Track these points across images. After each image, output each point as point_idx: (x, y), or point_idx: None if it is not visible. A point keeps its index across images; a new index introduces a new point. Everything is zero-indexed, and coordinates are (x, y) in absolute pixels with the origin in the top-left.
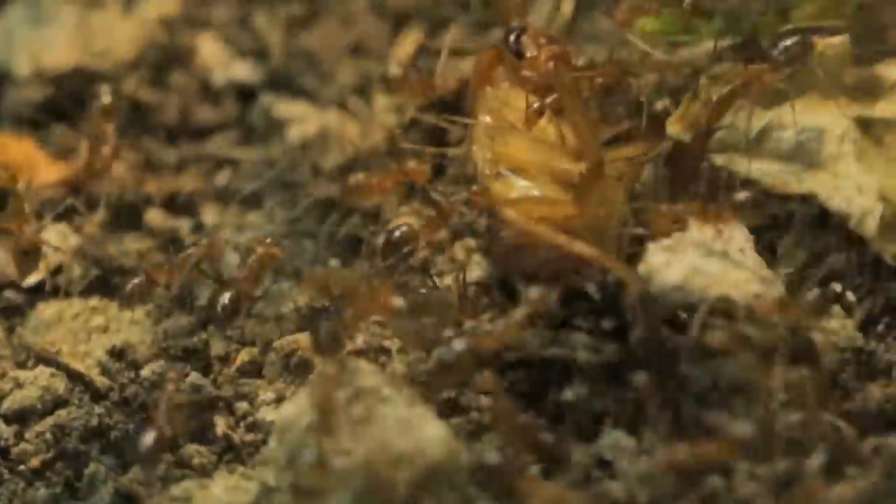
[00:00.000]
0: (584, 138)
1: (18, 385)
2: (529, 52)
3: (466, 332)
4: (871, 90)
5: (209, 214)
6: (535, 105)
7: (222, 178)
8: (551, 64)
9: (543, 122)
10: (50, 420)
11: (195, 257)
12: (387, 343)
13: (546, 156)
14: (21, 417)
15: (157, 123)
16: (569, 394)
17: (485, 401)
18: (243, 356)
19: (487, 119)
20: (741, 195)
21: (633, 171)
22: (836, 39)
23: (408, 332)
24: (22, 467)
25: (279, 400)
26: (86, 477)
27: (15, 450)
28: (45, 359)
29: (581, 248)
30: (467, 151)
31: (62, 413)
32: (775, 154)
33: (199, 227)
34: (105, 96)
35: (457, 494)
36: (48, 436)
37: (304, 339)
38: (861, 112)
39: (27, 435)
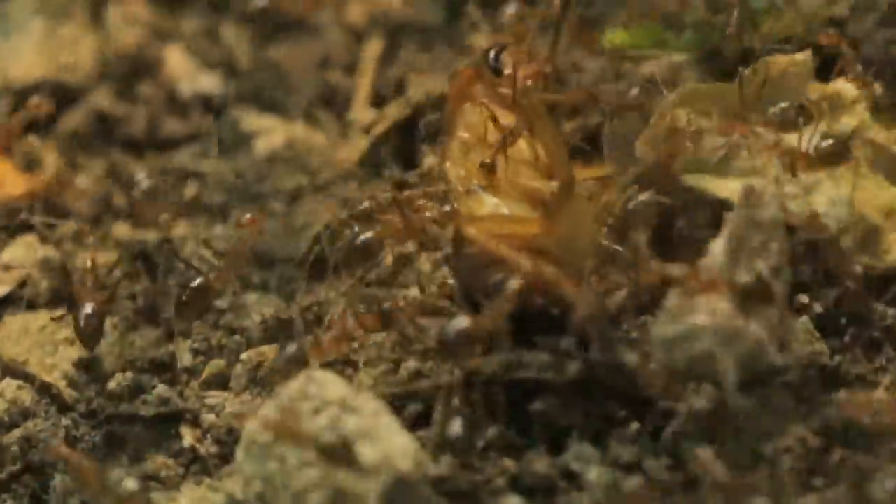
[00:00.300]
0: (554, 158)
1: None
2: (508, 70)
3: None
4: (833, 105)
5: (177, 227)
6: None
7: (189, 190)
8: (527, 82)
9: (519, 140)
10: (17, 432)
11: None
12: (353, 356)
13: (518, 174)
14: None
15: (124, 135)
16: (536, 406)
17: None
18: (210, 368)
19: (465, 135)
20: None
21: (604, 192)
22: (800, 56)
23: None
24: None
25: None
26: (52, 489)
27: None
28: (11, 371)
29: (538, 266)
30: (441, 167)
31: (29, 425)
32: (744, 172)
33: (166, 240)
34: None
35: None
36: (15, 448)
37: (270, 351)
38: (828, 127)
39: None
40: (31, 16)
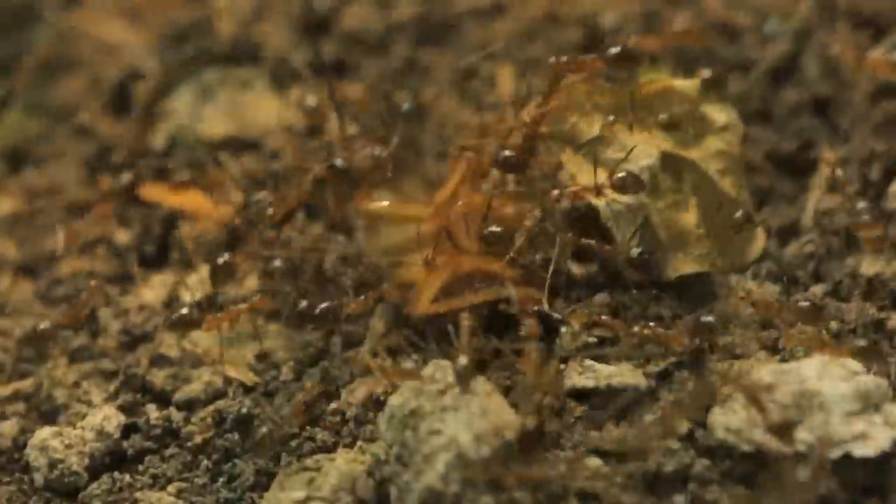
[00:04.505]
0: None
1: (188, 381)
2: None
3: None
4: (704, 130)
5: None
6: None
7: None
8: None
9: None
10: (211, 407)
11: None
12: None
13: (408, 231)
14: (189, 405)
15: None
16: None
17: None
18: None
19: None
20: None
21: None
22: (689, 82)
23: None
24: (189, 444)
25: (386, 393)
26: (236, 455)
27: (184, 430)
28: (206, 360)
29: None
30: (364, 246)
31: (220, 403)
32: (599, 161)
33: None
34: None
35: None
36: (209, 420)
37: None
38: (673, 149)
39: (193, 419)
40: (220, 85)
